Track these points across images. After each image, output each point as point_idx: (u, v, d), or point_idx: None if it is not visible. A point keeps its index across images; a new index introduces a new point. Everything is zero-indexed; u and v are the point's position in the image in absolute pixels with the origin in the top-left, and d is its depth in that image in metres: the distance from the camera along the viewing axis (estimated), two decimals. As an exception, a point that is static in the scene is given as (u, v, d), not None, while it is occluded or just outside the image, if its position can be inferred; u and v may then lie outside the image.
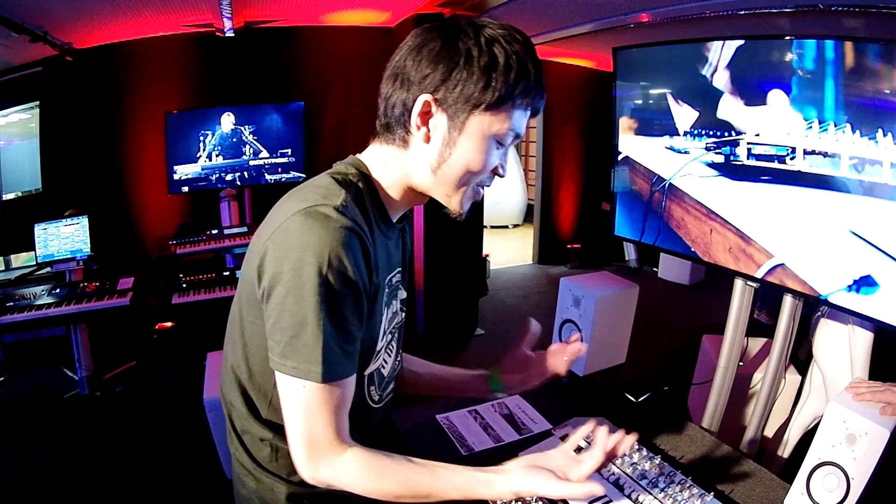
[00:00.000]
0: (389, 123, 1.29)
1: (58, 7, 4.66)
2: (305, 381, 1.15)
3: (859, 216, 2.26)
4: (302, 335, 1.13)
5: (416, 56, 1.22)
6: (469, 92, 1.19)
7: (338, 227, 1.13)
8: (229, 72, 6.59)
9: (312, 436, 1.18)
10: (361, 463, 1.19)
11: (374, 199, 1.32)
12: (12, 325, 4.60)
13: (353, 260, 1.14)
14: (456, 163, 1.26)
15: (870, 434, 1.50)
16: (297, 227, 1.14)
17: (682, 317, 7.47)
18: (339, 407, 1.20)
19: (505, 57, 1.18)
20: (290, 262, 1.12)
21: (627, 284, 2.45)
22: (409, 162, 1.31)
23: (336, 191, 1.21)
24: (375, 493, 1.21)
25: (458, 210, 1.36)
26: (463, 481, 1.25)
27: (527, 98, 1.23)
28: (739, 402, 3.36)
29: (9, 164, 6.51)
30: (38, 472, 4.16)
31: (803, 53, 2.37)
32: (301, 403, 1.17)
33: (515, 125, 1.26)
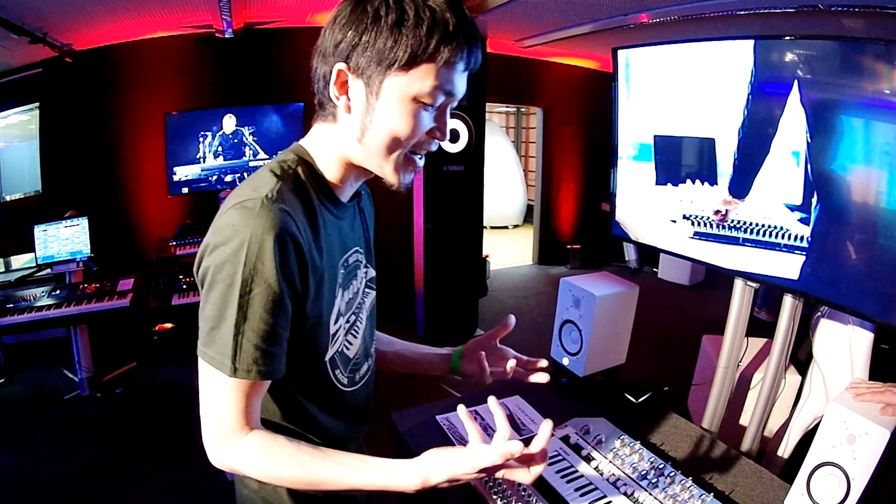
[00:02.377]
0: (321, 100, 1.28)
1: (57, 8, 4.67)
2: (218, 372, 1.16)
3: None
4: (221, 328, 1.14)
5: (331, 27, 1.20)
6: (379, 53, 1.14)
7: (263, 222, 1.12)
8: (229, 73, 6.60)
9: (218, 421, 1.19)
10: (258, 447, 1.19)
11: (316, 181, 1.30)
12: (13, 326, 4.58)
13: (278, 257, 1.12)
14: (378, 130, 1.22)
15: (870, 434, 1.50)
16: (225, 224, 1.15)
17: (682, 317, 7.49)
18: (250, 398, 1.19)
19: (415, 10, 1.13)
20: (217, 256, 1.14)
21: (628, 285, 2.44)
22: (339, 136, 1.28)
23: (269, 182, 1.20)
24: (272, 478, 1.21)
25: (395, 181, 1.30)
26: (363, 467, 1.21)
27: (448, 51, 1.16)
28: (739, 403, 3.36)
29: (8, 165, 6.53)
30: (38, 473, 4.16)
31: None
32: (212, 390, 1.18)
33: (443, 82, 1.19)
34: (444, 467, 1.20)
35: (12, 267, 7.22)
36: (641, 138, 3.15)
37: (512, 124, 15.43)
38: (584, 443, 1.98)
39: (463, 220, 6.66)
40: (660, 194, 3.06)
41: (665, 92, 3.00)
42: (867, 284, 2.22)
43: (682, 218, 2.93)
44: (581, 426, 2.08)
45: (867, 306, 2.24)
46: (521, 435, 2.12)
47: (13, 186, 6.79)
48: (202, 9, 5.31)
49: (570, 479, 1.78)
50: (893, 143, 2.10)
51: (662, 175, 3.06)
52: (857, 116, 2.24)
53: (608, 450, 1.93)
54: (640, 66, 3.14)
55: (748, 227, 2.63)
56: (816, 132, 2.35)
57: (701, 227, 2.85)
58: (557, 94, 9.39)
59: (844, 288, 2.32)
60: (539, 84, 9.20)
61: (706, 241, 2.83)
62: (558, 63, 9.16)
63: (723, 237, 2.75)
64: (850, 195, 2.28)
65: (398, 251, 7.04)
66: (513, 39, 7.54)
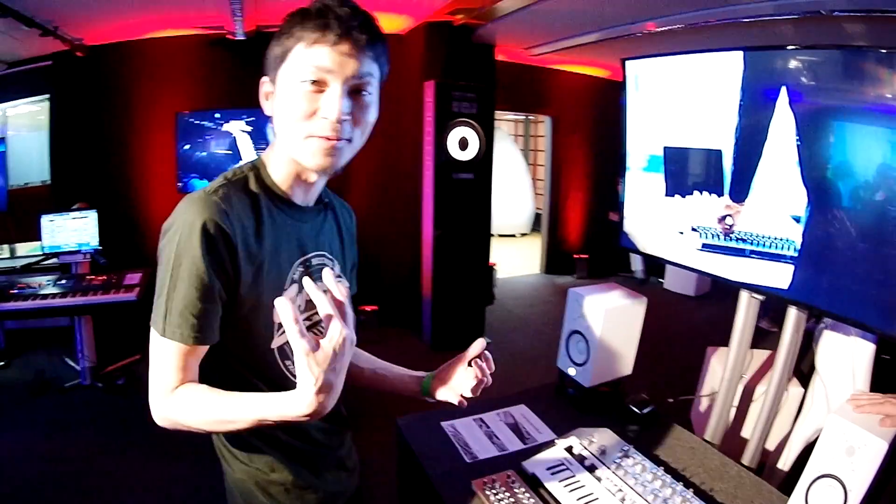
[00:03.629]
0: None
1: (68, 2, 4.70)
2: (155, 333, 1.29)
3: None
4: (160, 297, 1.28)
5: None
6: (273, 56, 1.35)
7: (196, 210, 1.27)
8: (240, 75, 6.62)
9: (157, 380, 1.30)
10: (184, 397, 1.28)
11: (263, 184, 1.44)
12: (15, 312, 4.66)
13: (203, 239, 1.25)
14: (279, 118, 1.37)
15: (868, 446, 1.52)
16: (174, 211, 1.30)
17: (687, 328, 7.49)
18: (182, 361, 1.29)
19: (295, 12, 1.31)
20: (164, 238, 1.29)
21: (636, 296, 2.45)
22: (277, 141, 1.43)
23: (217, 182, 1.37)
24: (196, 425, 1.28)
25: (309, 164, 1.35)
26: (262, 396, 1.21)
27: (309, 29, 1.27)
28: (742, 415, 3.37)
29: (16, 154, 6.57)
30: (35, 458, 4.21)
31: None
32: (153, 352, 1.31)
33: (314, 59, 1.27)
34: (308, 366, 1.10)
35: (17, 254, 7.28)
36: (651, 149, 3.16)
37: (520, 132, 15.42)
38: (588, 453, 1.99)
39: (471, 227, 6.68)
40: (668, 206, 3.07)
41: (674, 103, 3.02)
42: (867, 294, 2.23)
43: (691, 230, 2.95)
44: (585, 437, 2.09)
45: (868, 317, 2.24)
46: (524, 444, 2.14)
47: (21, 175, 6.84)
48: (214, 9, 5.34)
49: (573, 489, 1.80)
50: (888, 149, 2.12)
51: (671, 186, 3.08)
52: (846, 121, 2.26)
53: (611, 460, 1.94)
54: (649, 76, 3.16)
55: (754, 239, 2.64)
56: (805, 138, 2.38)
57: (708, 239, 2.87)
58: (566, 102, 9.39)
59: (842, 298, 2.33)
60: (548, 92, 9.21)
61: (713, 253, 2.85)
62: (567, 71, 9.17)
63: (730, 249, 2.76)
64: (841, 203, 2.29)
65: (407, 258, 7.05)
66: (522, 47, 7.55)
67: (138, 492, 3.88)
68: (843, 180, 2.29)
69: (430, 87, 6.23)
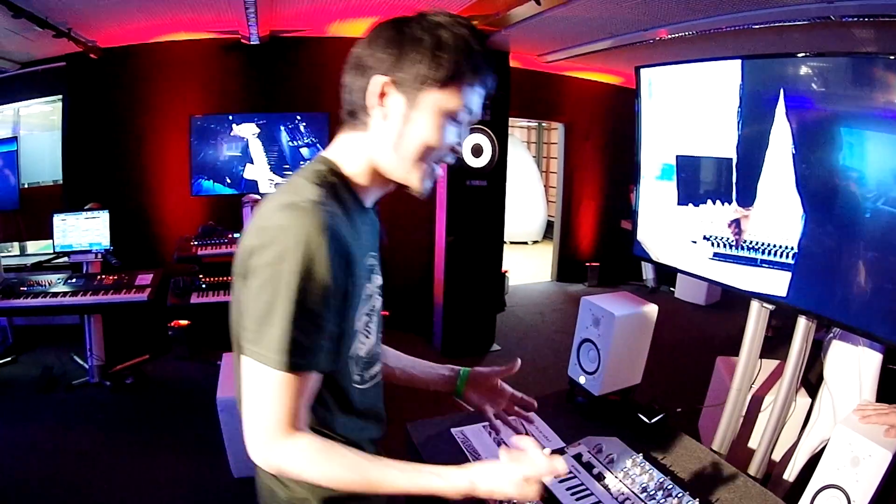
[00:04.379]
0: (352, 110, 1.38)
1: (83, 4, 4.73)
2: (269, 368, 1.20)
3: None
4: (271, 324, 1.18)
5: (371, 44, 1.33)
6: (419, 70, 1.28)
7: (314, 221, 1.18)
8: (254, 79, 6.67)
9: (268, 420, 1.22)
10: (313, 448, 1.24)
11: (346, 188, 1.39)
12: (25, 309, 4.69)
13: (330, 253, 1.19)
14: (413, 138, 1.34)
15: (873, 456, 1.52)
16: (275, 223, 1.20)
17: (697, 337, 7.47)
18: (300, 396, 1.24)
19: (450, 38, 1.28)
20: (267, 255, 1.18)
21: (647, 305, 2.45)
22: (371, 144, 1.38)
23: (309, 187, 1.29)
24: (326, 479, 1.25)
25: (419, 188, 1.41)
26: (415, 470, 1.29)
27: (474, 76, 1.33)
28: (749, 425, 3.36)
29: (28, 154, 6.63)
30: (41, 453, 4.24)
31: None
32: (262, 388, 1.22)
33: (467, 102, 1.35)
34: (491, 472, 1.30)
35: (28, 252, 7.33)
36: (664, 157, 3.17)
37: (533, 139, 15.40)
38: (596, 461, 2.00)
39: (484, 234, 6.67)
40: (681, 214, 3.07)
41: (687, 110, 3.02)
42: (874, 304, 2.22)
43: (703, 239, 2.95)
44: (594, 445, 2.10)
45: (875, 326, 2.24)
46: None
47: (32, 174, 6.89)
48: (229, 13, 5.36)
49: (581, 497, 1.80)
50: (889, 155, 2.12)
51: (684, 195, 3.08)
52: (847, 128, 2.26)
53: (619, 469, 1.95)
54: (663, 84, 3.16)
55: (765, 248, 2.64)
56: (802, 144, 2.38)
57: (720, 248, 2.87)
58: (579, 109, 9.38)
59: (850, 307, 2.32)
60: (561, 99, 9.19)
61: (725, 262, 2.84)
62: (580, 78, 9.15)
63: (741, 258, 2.76)
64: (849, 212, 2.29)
65: (419, 263, 7.05)
66: (535, 54, 7.55)
67: (144, 490, 3.90)
68: (847, 188, 2.28)
69: (444, 94, 6.19)
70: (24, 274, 5.21)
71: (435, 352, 6.64)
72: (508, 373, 1.87)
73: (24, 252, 7.46)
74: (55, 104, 6.76)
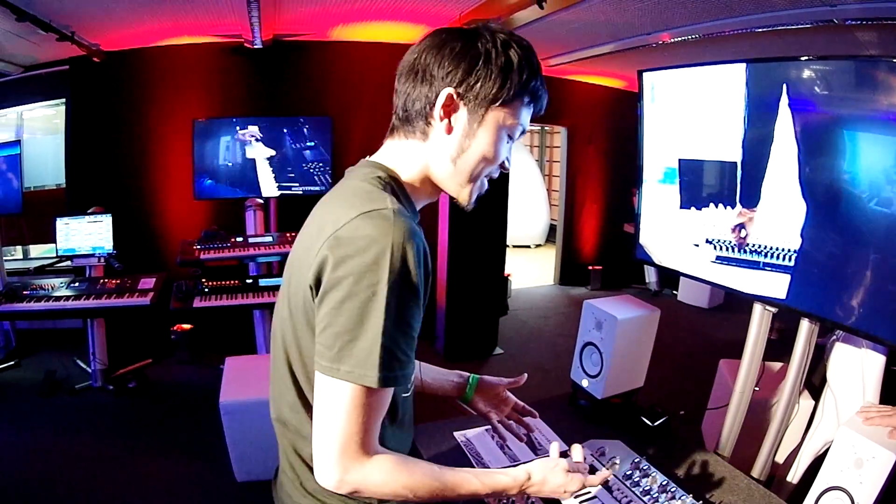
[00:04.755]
0: (409, 117, 1.37)
1: (86, 8, 4.74)
2: (356, 385, 1.16)
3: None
4: (361, 339, 1.15)
5: (437, 54, 1.31)
6: (489, 88, 1.30)
7: (400, 230, 1.16)
8: (257, 83, 6.68)
9: (348, 439, 1.19)
10: (393, 464, 1.24)
11: (404, 195, 1.39)
12: (29, 313, 4.70)
13: (417, 262, 1.17)
14: (474, 152, 1.36)
15: (877, 458, 1.52)
16: (357, 235, 1.16)
17: (700, 340, 7.47)
18: (379, 412, 1.23)
19: (518, 58, 1.31)
20: (352, 266, 1.14)
21: (649, 308, 2.46)
22: (428, 153, 1.39)
23: (381, 194, 1.27)
24: (409, 491, 1.25)
25: (468, 201, 1.45)
26: (482, 471, 1.38)
27: (533, 96, 1.38)
28: (752, 428, 3.35)
29: (31, 157, 6.64)
30: (44, 458, 4.24)
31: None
32: (345, 407, 1.18)
33: (523, 121, 1.40)
34: (542, 463, 1.50)
35: (30, 256, 7.34)
36: (667, 161, 3.16)
37: (536, 143, 15.42)
38: (599, 464, 2.00)
39: (486, 238, 6.66)
40: (684, 218, 3.07)
41: (689, 114, 3.02)
42: (878, 306, 2.22)
43: (705, 242, 2.94)
44: (597, 448, 2.10)
45: (879, 328, 2.23)
46: (536, 454, 2.14)
47: (35, 178, 6.90)
48: (232, 17, 5.37)
49: (584, 501, 1.81)
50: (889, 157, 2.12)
51: (686, 198, 3.08)
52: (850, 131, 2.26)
53: (622, 472, 1.95)
54: (666, 88, 3.16)
55: (768, 251, 2.64)
56: (806, 147, 2.38)
57: (723, 252, 2.86)
58: (582, 113, 9.39)
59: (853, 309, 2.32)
60: (563, 103, 9.18)
61: (728, 266, 2.84)
62: (583, 82, 9.16)
63: (744, 261, 2.76)
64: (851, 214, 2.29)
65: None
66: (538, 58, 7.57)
67: (147, 494, 3.91)
68: (849, 191, 2.28)
69: (446, 98, 6.19)
70: (27, 278, 5.23)
71: (438, 356, 6.63)
72: (515, 385, 1.94)
73: (27, 256, 7.48)
74: (58, 107, 6.79)
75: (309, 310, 1.25)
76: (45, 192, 7.05)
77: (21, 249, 7.47)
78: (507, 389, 1.95)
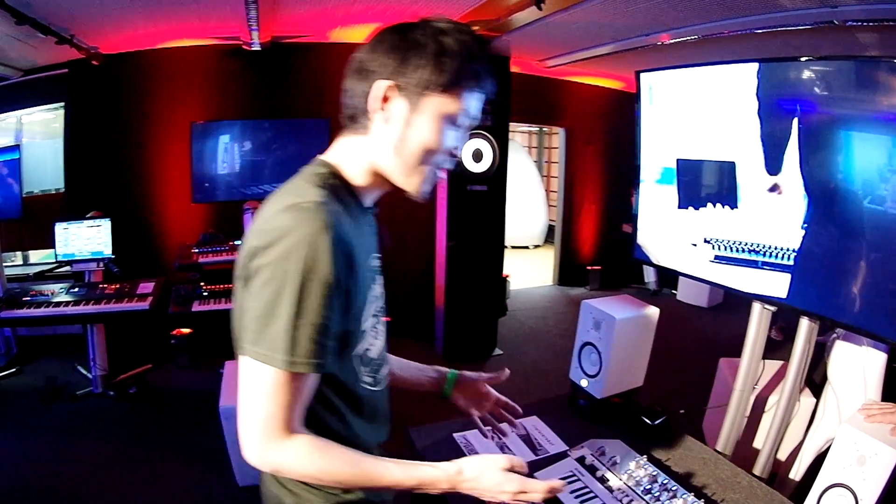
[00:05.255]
0: (353, 114, 1.40)
1: (85, 11, 4.74)
2: (270, 367, 1.20)
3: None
4: (274, 323, 1.19)
5: (374, 49, 1.35)
6: (422, 75, 1.31)
7: (315, 222, 1.19)
8: (255, 85, 6.67)
9: (267, 420, 1.23)
10: (311, 446, 1.25)
11: (347, 190, 1.41)
12: (28, 319, 4.68)
13: (334, 252, 1.20)
14: (414, 142, 1.36)
15: (879, 455, 1.52)
16: (276, 226, 1.21)
17: (699, 339, 7.48)
18: (298, 395, 1.25)
19: (453, 44, 1.31)
20: (269, 255, 1.19)
21: (648, 308, 2.46)
22: (372, 147, 1.40)
23: (311, 189, 1.30)
24: (325, 476, 1.27)
25: (418, 191, 1.44)
26: (408, 463, 1.34)
27: (475, 81, 1.36)
28: (754, 425, 3.36)
29: (30, 161, 6.62)
30: (46, 465, 4.22)
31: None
32: (261, 387, 1.23)
33: (467, 107, 1.37)
34: (478, 459, 1.41)
35: (30, 261, 7.33)
36: (664, 161, 3.17)
37: (534, 144, 15.42)
38: (600, 464, 2.00)
39: (485, 239, 6.67)
40: (682, 218, 3.08)
41: (688, 115, 3.03)
42: (878, 304, 2.22)
43: (704, 241, 2.95)
44: (597, 447, 2.10)
45: (879, 327, 2.23)
46: (536, 455, 2.14)
47: (34, 182, 6.89)
48: (230, 19, 5.37)
49: (585, 501, 1.80)
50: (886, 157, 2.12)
51: (685, 198, 3.08)
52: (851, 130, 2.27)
53: (623, 471, 1.94)
54: (663, 88, 3.17)
55: (767, 250, 2.64)
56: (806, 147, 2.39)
57: (721, 251, 2.87)
58: (580, 114, 9.40)
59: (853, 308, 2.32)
60: (562, 104, 9.21)
61: (726, 265, 2.85)
62: (581, 83, 9.18)
63: (742, 261, 2.76)
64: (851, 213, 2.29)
65: (420, 268, 7.06)
66: (536, 59, 7.57)
67: (150, 499, 3.89)
68: (849, 190, 2.29)
69: (444, 99, 6.19)
70: (26, 284, 5.21)
71: (437, 357, 6.62)
72: (496, 381, 1.91)
73: (27, 261, 7.47)
74: (57, 111, 6.77)
75: (241, 298, 1.29)
76: (45, 196, 7.03)
77: (21, 255, 7.46)
78: (489, 384, 1.93)
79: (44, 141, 7.45)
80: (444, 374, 1.91)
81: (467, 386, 1.91)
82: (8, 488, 3.95)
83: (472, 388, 1.91)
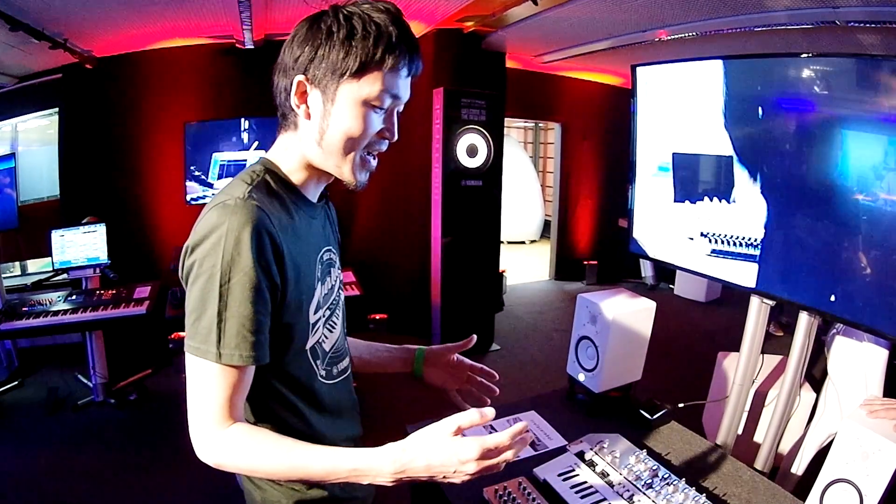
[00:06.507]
0: (283, 112, 1.45)
1: (78, 14, 4.72)
2: (203, 360, 1.22)
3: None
4: (203, 318, 1.22)
5: (289, 45, 1.38)
6: (333, 63, 1.30)
7: (238, 217, 1.22)
8: (249, 84, 6.63)
9: (203, 413, 1.24)
10: (244, 437, 1.23)
11: (283, 184, 1.43)
12: (28, 330, 4.64)
13: (253, 247, 1.21)
14: (334, 132, 1.35)
15: (883, 451, 1.52)
16: (203, 225, 1.24)
17: (697, 333, 7.49)
18: (235, 389, 1.25)
19: (362, 25, 1.28)
20: (197, 253, 1.24)
21: (644, 301, 2.45)
22: (301, 142, 1.42)
23: (241, 186, 1.32)
24: (258, 468, 1.24)
25: (352, 180, 1.43)
26: (339, 451, 1.23)
27: (393, 58, 1.31)
28: (754, 420, 3.35)
29: (26, 170, 6.59)
30: (51, 477, 4.20)
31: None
32: (198, 381, 1.24)
33: (389, 87, 1.34)
34: (421, 434, 1.23)
35: (28, 271, 7.30)
36: (660, 155, 3.16)
37: (530, 139, 15.43)
38: (599, 458, 1.99)
39: (480, 234, 6.68)
40: (678, 211, 3.07)
41: (683, 109, 3.02)
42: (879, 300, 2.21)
43: (700, 235, 2.94)
44: (596, 442, 2.09)
45: (880, 322, 2.23)
46: (535, 450, 2.13)
47: (31, 190, 6.85)
48: (223, 18, 5.35)
49: (585, 495, 1.80)
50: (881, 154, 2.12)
51: (680, 192, 3.07)
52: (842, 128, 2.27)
53: (623, 465, 1.93)
54: (659, 83, 3.16)
55: (763, 244, 2.64)
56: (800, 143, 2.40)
57: (718, 245, 2.86)
58: (576, 109, 9.41)
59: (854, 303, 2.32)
60: (558, 99, 9.23)
61: (723, 259, 2.84)
62: (577, 78, 9.19)
63: (739, 254, 2.76)
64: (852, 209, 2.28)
65: (416, 265, 7.04)
66: (532, 55, 7.56)
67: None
68: (841, 185, 2.28)
69: (439, 94, 6.25)
70: (25, 294, 5.19)
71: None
72: (464, 347, 1.88)
73: (25, 271, 7.44)
74: (52, 118, 6.74)
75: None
76: (40, 204, 6.98)
77: (19, 265, 7.43)
78: (458, 352, 1.92)
79: (40, 148, 7.41)
80: (413, 351, 1.90)
81: (437, 359, 1.89)
82: (15, 502, 3.95)
83: (441, 361, 1.90)
